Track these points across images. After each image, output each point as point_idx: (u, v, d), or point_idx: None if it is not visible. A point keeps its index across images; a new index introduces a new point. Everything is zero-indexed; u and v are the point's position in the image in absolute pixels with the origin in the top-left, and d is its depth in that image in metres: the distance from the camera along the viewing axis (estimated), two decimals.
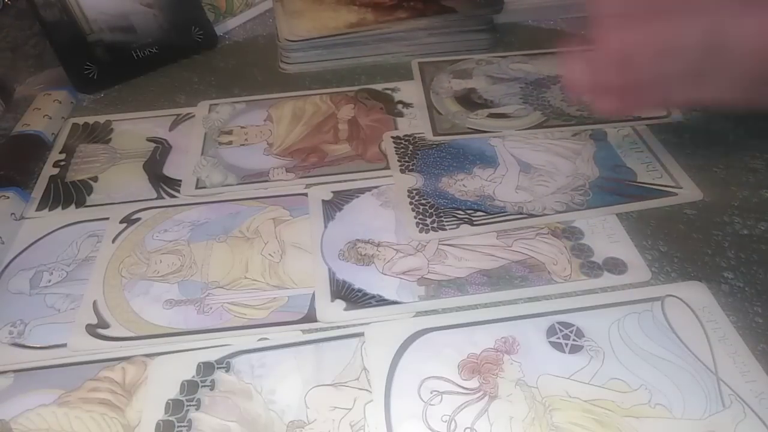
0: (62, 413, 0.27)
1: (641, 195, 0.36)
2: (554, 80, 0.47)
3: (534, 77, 0.47)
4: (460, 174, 0.39)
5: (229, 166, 0.41)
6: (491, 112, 0.44)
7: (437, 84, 0.47)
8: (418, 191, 0.38)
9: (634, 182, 0.37)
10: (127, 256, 0.35)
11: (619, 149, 0.40)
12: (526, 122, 0.43)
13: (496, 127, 0.42)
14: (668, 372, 0.27)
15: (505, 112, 0.44)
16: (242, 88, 0.49)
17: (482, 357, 0.28)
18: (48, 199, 0.39)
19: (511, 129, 0.42)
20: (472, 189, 0.37)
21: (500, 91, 0.46)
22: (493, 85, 0.47)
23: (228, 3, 0.57)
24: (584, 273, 0.32)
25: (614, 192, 0.37)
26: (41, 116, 0.45)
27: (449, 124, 0.43)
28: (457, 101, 0.45)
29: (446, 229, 0.35)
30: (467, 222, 0.35)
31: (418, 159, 0.40)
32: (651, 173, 0.38)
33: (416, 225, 0.35)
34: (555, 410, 0.26)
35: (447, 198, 0.37)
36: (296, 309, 0.31)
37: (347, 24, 0.50)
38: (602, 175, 0.38)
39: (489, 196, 0.37)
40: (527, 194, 0.37)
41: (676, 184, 0.37)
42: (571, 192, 0.37)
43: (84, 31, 0.48)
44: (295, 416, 0.26)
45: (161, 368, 0.29)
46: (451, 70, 0.49)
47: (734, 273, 0.32)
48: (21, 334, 0.31)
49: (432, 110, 0.44)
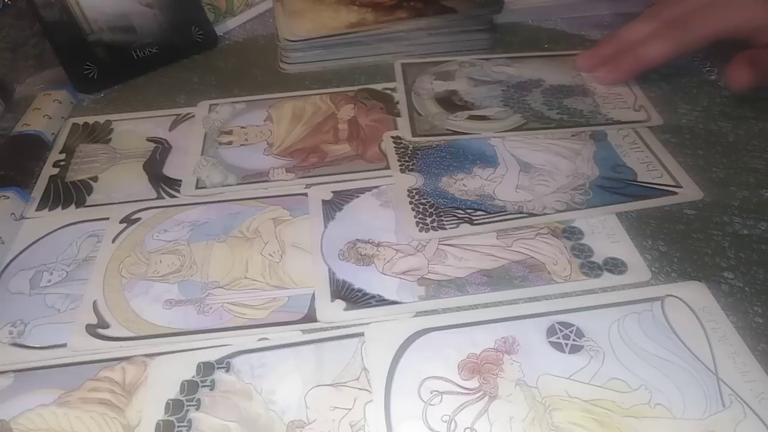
0: (62, 413, 0.27)
1: (642, 194, 0.36)
2: (536, 83, 0.46)
3: (516, 80, 0.47)
4: (460, 174, 0.39)
5: (229, 166, 0.41)
6: (471, 114, 0.44)
7: (419, 85, 0.47)
8: (418, 191, 0.37)
9: (634, 182, 0.37)
10: (127, 256, 0.35)
11: (619, 149, 0.40)
12: (505, 124, 0.42)
13: (475, 129, 0.42)
14: (668, 372, 0.27)
15: (485, 114, 0.43)
16: (242, 88, 0.49)
17: (482, 357, 0.28)
18: (48, 199, 0.39)
19: (490, 131, 0.42)
20: (473, 188, 0.37)
21: (481, 93, 0.46)
22: (474, 87, 0.47)
23: (228, 3, 0.57)
24: (584, 273, 0.32)
25: (614, 191, 0.37)
26: (41, 116, 0.45)
27: (429, 125, 0.43)
28: (438, 103, 0.45)
29: (446, 228, 0.35)
30: (467, 221, 0.35)
31: (418, 159, 0.40)
32: (651, 173, 0.38)
33: (416, 224, 0.35)
34: (555, 410, 0.26)
35: (447, 197, 0.37)
36: (296, 309, 0.31)
37: (347, 24, 0.50)
38: (602, 175, 0.38)
39: (489, 195, 0.37)
40: (527, 193, 0.37)
41: (677, 183, 0.37)
42: (572, 191, 0.37)
43: (84, 31, 0.48)
44: (295, 416, 0.26)
45: (161, 368, 0.29)
46: (433, 72, 0.49)
47: (734, 273, 0.32)
48: (21, 334, 0.31)
49: (412, 111, 0.44)
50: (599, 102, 0.44)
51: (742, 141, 0.40)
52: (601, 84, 0.46)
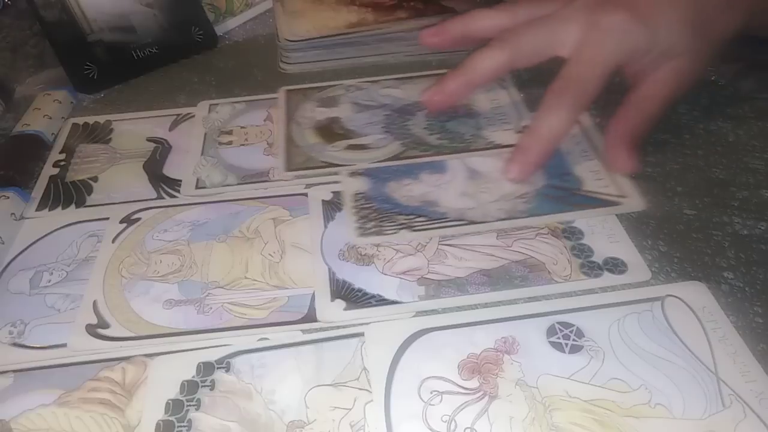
0: (62, 413, 0.27)
1: (585, 203, 0.36)
2: (420, 106, 0.43)
3: (401, 104, 0.45)
4: (407, 179, 0.38)
5: (229, 166, 0.41)
6: (350, 143, 0.41)
7: (300, 114, 0.45)
8: (364, 195, 0.37)
9: (579, 191, 0.37)
10: (127, 256, 0.35)
11: (569, 156, 0.39)
12: (383, 153, 0.40)
13: (352, 160, 0.40)
14: (668, 372, 0.27)
15: (363, 143, 0.41)
16: (242, 88, 0.49)
17: (482, 357, 0.28)
18: (48, 199, 0.39)
19: (366, 161, 0.40)
20: (418, 194, 0.37)
21: (363, 119, 0.43)
22: (358, 113, 0.44)
23: (228, 3, 0.57)
24: (584, 273, 0.32)
25: (558, 200, 0.36)
26: (41, 116, 0.45)
27: (304, 157, 0.40)
28: (318, 132, 0.43)
29: (386, 233, 0.34)
30: (407, 227, 0.35)
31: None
32: (598, 181, 0.37)
33: (356, 229, 0.35)
34: (555, 410, 0.26)
35: (391, 202, 0.36)
36: (296, 309, 0.31)
37: (347, 24, 0.50)
38: (549, 183, 0.37)
39: (433, 201, 0.36)
40: (471, 201, 0.36)
41: (621, 193, 0.36)
42: (515, 200, 0.36)
43: (84, 31, 0.48)
44: (295, 416, 0.26)
45: (161, 368, 0.29)
46: (318, 98, 0.46)
47: (734, 273, 0.32)
48: (21, 334, 0.31)
49: (290, 143, 0.42)
50: (482, 124, 0.42)
51: (742, 141, 0.40)
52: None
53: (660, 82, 0.36)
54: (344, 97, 0.46)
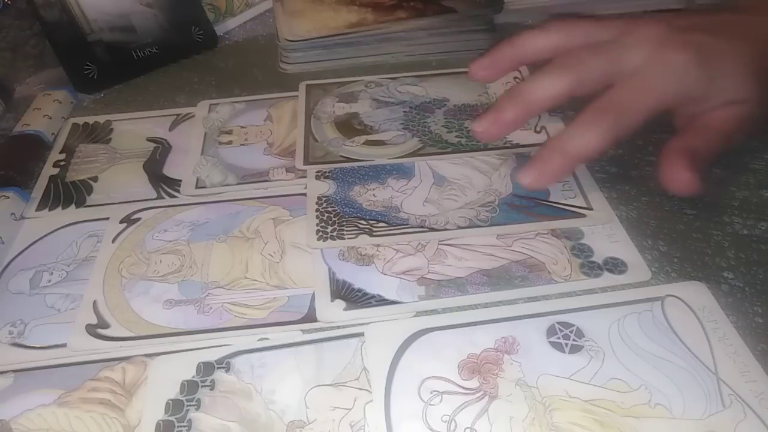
0: (62, 413, 0.27)
1: (549, 215, 0.35)
2: (440, 103, 0.44)
3: (420, 100, 0.45)
4: (374, 183, 0.38)
5: (229, 166, 0.41)
6: (368, 138, 0.42)
7: (320, 108, 0.45)
8: (327, 198, 0.37)
9: (545, 201, 0.36)
10: (127, 256, 0.35)
11: None
12: (401, 150, 0.41)
13: (370, 156, 0.40)
14: (668, 372, 0.27)
15: (382, 139, 0.42)
16: (242, 88, 0.49)
17: (482, 357, 0.28)
18: (48, 199, 0.39)
19: (384, 157, 0.40)
20: (381, 199, 0.37)
21: (382, 115, 0.44)
22: (377, 109, 0.45)
23: (228, 3, 0.57)
24: (584, 273, 0.32)
25: (522, 210, 0.36)
26: (41, 116, 0.45)
27: (323, 152, 0.41)
28: (337, 127, 0.43)
29: (345, 238, 0.34)
30: (367, 232, 0.35)
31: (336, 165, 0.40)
32: (565, 192, 0.37)
33: (316, 233, 0.35)
34: (555, 410, 0.26)
35: (354, 207, 0.36)
36: (296, 309, 0.31)
37: (347, 24, 0.50)
38: (515, 192, 0.37)
39: (395, 207, 0.36)
40: (434, 207, 0.36)
41: (588, 205, 0.36)
42: (478, 208, 0.36)
43: (84, 31, 0.48)
44: (295, 416, 0.26)
45: (161, 368, 0.29)
46: (337, 93, 0.47)
47: (734, 273, 0.32)
48: (21, 334, 0.31)
49: (309, 137, 0.42)
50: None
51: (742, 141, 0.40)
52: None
53: (720, 120, 0.33)
54: (363, 93, 0.47)
